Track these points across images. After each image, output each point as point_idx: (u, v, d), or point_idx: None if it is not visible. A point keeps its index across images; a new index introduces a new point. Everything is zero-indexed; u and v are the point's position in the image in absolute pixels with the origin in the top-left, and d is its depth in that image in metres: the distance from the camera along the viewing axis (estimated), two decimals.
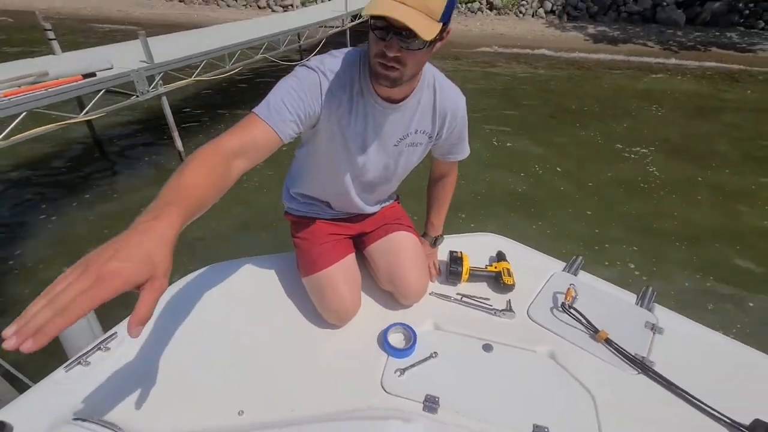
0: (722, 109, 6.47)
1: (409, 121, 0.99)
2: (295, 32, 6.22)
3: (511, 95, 6.91)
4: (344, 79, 0.90)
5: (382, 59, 0.79)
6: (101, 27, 11.99)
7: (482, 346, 1.04)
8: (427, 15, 0.72)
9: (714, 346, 1.06)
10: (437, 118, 1.01)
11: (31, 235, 3.27)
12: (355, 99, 0.92)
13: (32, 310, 0.44)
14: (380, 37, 0.76)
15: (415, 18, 0.71)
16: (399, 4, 0.71)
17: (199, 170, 0.66)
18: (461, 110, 1.03)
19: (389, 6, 0.70)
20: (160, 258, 0.52)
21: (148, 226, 0.53)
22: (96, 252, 0.49)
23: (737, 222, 3.57)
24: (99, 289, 0.46)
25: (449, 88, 1.00)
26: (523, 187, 4.05)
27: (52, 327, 0.43)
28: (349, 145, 0.98)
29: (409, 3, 0.71)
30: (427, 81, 0.96)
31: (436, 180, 1.26)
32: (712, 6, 10.83)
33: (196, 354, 1.02)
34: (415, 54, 0.78)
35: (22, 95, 2.73)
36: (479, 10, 12.19)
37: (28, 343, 0.42)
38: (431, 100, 0.99)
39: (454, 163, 1.20)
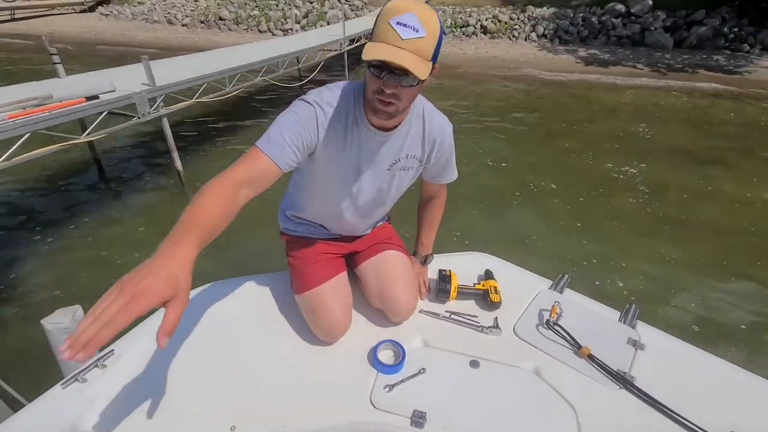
0: (711, 129, 6.63)
1: (400, 147, 1.06)
2: (294, 55, 6.40)
3: (505, 114, 7.08)
4: (340, 110, 0.97)
5: (380, 95, 0.87)
6: (105, 50, 12.25)
7: (469, 362, 1.07)
8: (420, 57, 0.81)
9: (693, 361, 1.09)
10: (426, 144, 1.08)
11: (28, 255, 3.29)
12: (350, 128, 0.99)
13: (82, 326, 0.54)
14: (378, 75, 0.84)
15: (411, 61, 0.80)
16: (396, 48, 0.80)
17: (211, 201, 0.77)
18: (448, 137, 1.11)
19: (389, 52, 0.80)
20: (183, 278, 0.62)
21: (171, 251, 0.64)
22: (129, 275, 0.59)
23: (729, 240, 3.63)
24: (134, 305, 0.56)
25: (437, 117, 1.08)
26: (516, 204, 4.12)
27: (98, 339, 0.54)
28: (344, 171, 1.05)
29: (405, 47, 0.80)
30: (417, 110, 1.04)
31: (426, 201, 1.32)
32: (698, 30, 11.20)
33: (190, 371, 1.04)
34: (409, 90, 0.87)
35: (27, 117, 2.81)
36: (473, 34, 12.56)
37: (81, 353, 0.53)
38: (421, 127, 1.06)
39: (443, 186, 1.26)
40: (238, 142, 5.62)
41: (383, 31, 0.81)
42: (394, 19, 0.79)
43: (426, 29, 0.80)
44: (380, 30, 0.81)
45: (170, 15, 14.97)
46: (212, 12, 14.63)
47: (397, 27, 0.79)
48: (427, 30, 0.80)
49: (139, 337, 1.11)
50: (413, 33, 0.79)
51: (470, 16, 12.96)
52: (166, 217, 3.85)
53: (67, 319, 1.33)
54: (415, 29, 0.79)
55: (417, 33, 0.79)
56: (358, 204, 1.14)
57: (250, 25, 13.88)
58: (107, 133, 3.60)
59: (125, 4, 16.38)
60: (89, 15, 16.28)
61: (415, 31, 0.79)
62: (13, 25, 15.07)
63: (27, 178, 4.43)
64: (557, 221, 3.85)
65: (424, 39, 0.80)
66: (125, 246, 3.38)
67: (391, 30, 0.79)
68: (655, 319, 2.08)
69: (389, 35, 0.80)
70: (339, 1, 14.37)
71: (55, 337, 1.33)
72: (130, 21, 15.39)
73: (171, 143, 4.14)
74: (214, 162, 4.92)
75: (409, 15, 0.79)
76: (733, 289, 3.02)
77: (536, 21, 12.45)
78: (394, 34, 0.79)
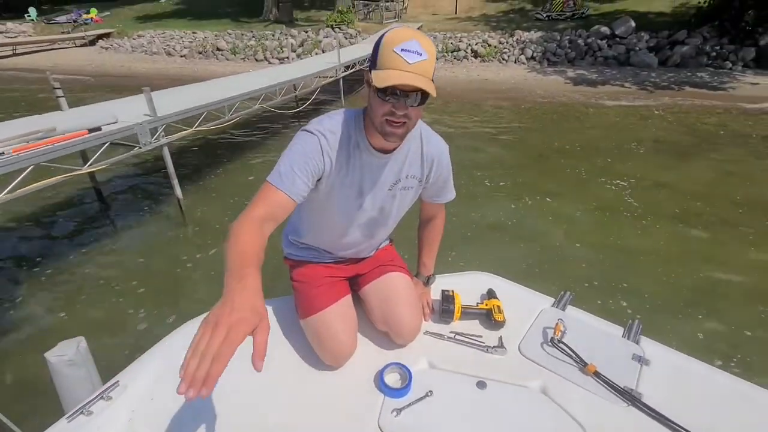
0: (699, 143, 6.78)
1: (400, 168, 1.10)
2: (291, 83, 6.56)
3: (497, 132, 7.22)
4: (342, 135, 1.02)
5: (391, 117, 0.93)
6: (106, 82, 12.50)
7: (476, 383, 1.07)
8: (427, 78, 0.89)
9: (699, 377, 1.10)
10: (425, 164, 1.13)
11: (28, 286, 3.27)
12: (353, 152, 1.04)
13: (191, 366, 0.59)
14: (390, 101, 0.90)
15: (422, 82, 0.87)
16: (405, 73, 0.86)
17: (248, 238, 0.84)
18: (445, 157, 1.16)
19: (402, 77, 0.87)
20: (261, 305, 0.68)
21: (241, 286, 0.70)
22: (215, 313, 0.65)
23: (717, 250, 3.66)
24: (234, 336, 0.62)
25: (434, 137, 1.14)
26: (513, 221, 4.16)
27: (213, 373, 0.59)
28: (347, 193, 1.08)
29: (413, 71, 0.87)
30: (414, 131, 1.09)
31: (425, 222, 1.35)
32: (681, 50, 11.59)
33: (197, 400, 1.03)
34: (417, 110, 0.94)
35: (30, 151, 2.85)
36: (465, 58, 12.93)
37: (203, 390, 0.58)
38: (419, 148, 1.11)
39: (441, 206, 1.29)
40: (238, 169, 5.68)
41: (390, 59, 0.87)
42: (399, 47, 0.86)
43: (427, 52, 0.88)
44: (387, 59, 0.88)
45: (169, 47, 15.36)
46: (210, 43, 15.04)
47: (403, 53, 0.86)
48: (428, 53, 0.88)
49: (143, 368, 1.11)
50: (418, 57, 0.87)
51: (461, 41, 13.38)
52: (165, 246, 3.86)
53: (71, 351, 1.32)
54: (419, 53, 0.87)
55: (421, 57, 0.87)
56: (361, 224, 1.17)
57: (247, 54, 14.23)
58: (109, 164, 3.64)
59: (125, 38, 16.83)
60: (89, 48, 16.67)
61: (419, 55, 0.87)
62: (15, 60, 15.40)
63: (28, 209, 4.45)
64: (555, 236, 3.88)
65: (428, 61, 0.88)
66: (125, 276, 3.37)
67: (398, 57, 0.86)
68: (659, 332, 2.08)
69: (397, 62, 0.87)
70: (333, 30, 14.82)
71: (58, 369, 1.32)
72: (130, 53, 15.77)
73: (171, 171, 4.19)
74: (213, 190, 4.96)
75: (412, 42, 0.87)
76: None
77: (525, 44, 12.86)
78: (401, 61, 0.86)
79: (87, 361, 1.35)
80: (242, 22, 17.04)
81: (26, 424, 1.46)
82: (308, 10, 17.99)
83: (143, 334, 2.75)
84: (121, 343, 2.62)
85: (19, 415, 1.99)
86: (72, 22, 18.49)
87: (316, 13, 17.42)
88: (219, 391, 1.07)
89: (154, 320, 2.87)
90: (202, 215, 4.37)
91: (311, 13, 17.56)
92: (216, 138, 6.68)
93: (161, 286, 3.28)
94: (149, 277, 3.36)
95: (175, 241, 3.95)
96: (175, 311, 2.94)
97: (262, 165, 5.72)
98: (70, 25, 18.36)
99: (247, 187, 4.78)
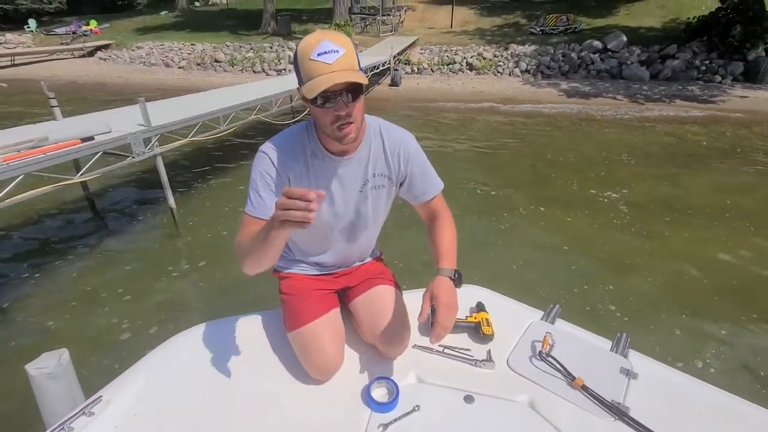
0: (691, 154, 6.88)
1: (365, 168, 1.11)
2: (287, 94, 6.60)
3: (491, 143, 7.28)
4: (293, 149, 1.05)
5: (338, 122, 0.94)
6: (103, 92, 12.54)
7: (464, 397, 1.06)
8: (352, 70, 0.90)
9: (687, 390, 1.09)
10: (391, 160, 1.13)
11: (15, 295, 3.23)
12: (310, 162, 1.06)
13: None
14: (328, 107, 0.92)
15: (349, 75, 0.88)
16: (331, 74, 0.87)
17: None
18: (411, 146, 1.15)
19: (328, 79, 0.87)
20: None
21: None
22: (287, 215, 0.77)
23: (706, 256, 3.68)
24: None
25: (394, 130, 1.14)
26: (503, 231, 4.18)
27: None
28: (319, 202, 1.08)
29: (337, 69, 0.88)
30: (373, 128, 1.10)
31: (430, 225, 1.24)
32: (671, 64, 11.83)
33: (180, 414, 1.02)
34: (358, 104, 0.95)
35: (21, 160, 2.84)
36: (460, 71, 13.11)
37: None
38: (380, 144, 1.12)
39: (438, 203, 1.21)
40: (231, 179, 5.68)
41: (311, 68, 0.89)
42: (314, 53, 0.88)
43: (342, 47, 0.89)
44: (308, 69, 0.90)
45: (167, 58, 15.47)
46: (208, 55, 15.17)
47: (320, 58, 0.87)
48: (344, 47, 0.89)
49: (127, 383, 1.09)
50: (336, 54, 0.88)
51: (456, 54, 13.58)
52: (157, 255, 3.83)
53: (53, 363, 1.29)
54: (335, 51, 0.88)
55: (338, 53, 0.88)
56: (341, 228, 1.18)
57: (245, 66, 14.36)
58: (101, 174, 3.63)
59: (123, 49, 16.94)
60: (88, 60, 16.75)
61: (336, 53, 0.88)
62: (14, 71, 15.42)
63: (19, 218, 4.41)
64: (546, 245, 3.89)
65: (346, 54, 0.89)
66: (113, 284, 3.34)
67: (317, 63, 0.88)
68: (646, 344, 2.07)
69: (319, 68, 0.88)
70: None
71: (38, 382, 1.29)
72: (128, 64, 15.86)
73: (165, 181, 4.18)
74: (207, 200, 4.95)
75: (324, 43, 0.88)
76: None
77: (519, 58, 13.08)
78: (321, 65, 0.88)
79: (69, 374, 1.32)
80: (241, 34, 17.22)
81: None
82: (306, 23, 18.22)
83: (125, 345, 2.72)
84: (104, 355, 2.59)
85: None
86: (71, 34, 18.59)
87: (313, 26, 17.62)
88: (204, 404, 1.06)
89: (137, 331, 2.84)
90: (194, 225, 4.35)
91: (309, 26, 17.78)
92: (211, 148, 6.69)
93: (147, 296, 3.24)
94: (136, 286, 3.33)
95: (165, 251, 3.92)
96: (158, 322, 2.90)
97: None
98: (69, 37, 18.45)
99: (241, 198, 4.72)
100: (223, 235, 4.13)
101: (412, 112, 9.82)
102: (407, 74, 13.01)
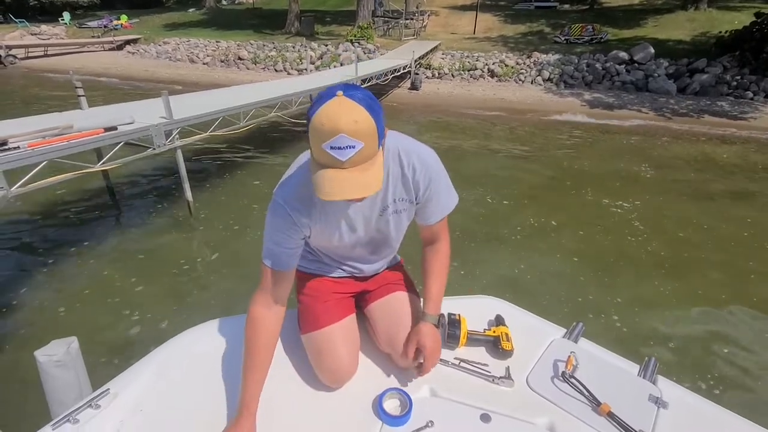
0: (718, 169, 6.65)
1: (384, 194, 1.04)
2: (307, 93, 6.63)
3: (510, 151, 7.17)
4: (308, 192, 0.94)
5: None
6: (128, 85, 12.85)
7: (480, 415, 1.00)
8: (366, 164, 0.80)
9: (720, 423, 1.01)
10: (411, 184, 1.04)
11: (31, 280, 3.29)
12: (325, 202, 0.95)
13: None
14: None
15: (358, 182, 0.80)
16: (339, 172, 0.79)
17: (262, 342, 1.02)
18: (432, 169, 1.04)
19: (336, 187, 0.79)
20: None
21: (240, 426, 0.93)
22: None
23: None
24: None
25: (413, 151, 1.02)
26: (517, 239, 4.08)
27: None
28: (339, 230, 1.06)
29: (348, 166, 0.79)
30: (391, 152, 0.99)
31: (426, 254, 1.20)
32: (700, 78, 11.49)
33: (187, 413, 0.99)
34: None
35: (46, 146, 2.89)
36: (481, 77, 13.00)
37: None
38: (398, 168, 1.02)
39: (441, 226, 1.15)
40: (249, 175, 5.72)
41: (321, 155, 0.79)
42: (326, 144, 0.77)
43: (361, 140, 0.77)
44: (318, 153, 0.80)
45: (192, 54, 15.78)
46: (232, 52, 15.41)
47: (332, 152, 0.78)
48: (362, 139, 0.77)
49: (135, 377, 1.07)
50: (351, 151, 0.77)
51: (478, 60, 13.47)
52: (172, 247, 3.86)
53: (62, 350, 1.29)
54: (351, 146, 0.77)
55: (354, 149, 0.77)
56: (363, 244, 1.14)
57: (267, 64, 14.53)
58: (122, 163, 3.69)
59: (151, 44, 17.36)
60: (117, 53, 17.24)
61: (351, 148, 0.77)
62: (46, 61, 15.96)
63: (40, 204, 4.52)
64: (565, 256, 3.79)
65: (364, 148, 0.78)
66: (127, 274, 3.38)
67: (328, 155, 0.78)
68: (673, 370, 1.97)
69: (329, 160, 0.79)
70: (352, 44, 15.08)
71: (47, 369, 1.28)
72: (155, 59, 16.24)
73: (183, 174, 4.22)
74: (224, 195, 4.99)
75: (338, 138, 0.76)
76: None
77: (542, 66, 12.89)
78: (333, 159, 0.78)
79: (77, 363, 1.32)
80: (265, 33, 17.47)
81: (12, 427, 1.42)
82: (329, 24, 18.37)
83: (134, 337, 2.73)
84: (112, 346, 2.61)
85: (5, 417, 1.97)
86: (103, 27, 19.16)
87: (336, 28, 17.77)
88: (210, 404, 1.03)
89: (146, 323, 2.85)
90: (210, 219, 4.38)
91: (332, 28, 17.93)
92: (230, 144, 6.76)
93: (159, 288, 3.27)
94: (149, 278, 3.36)
95: (180, 244, 3.96)
96: (168, 316, 2.91)
97: (273, 173, 5.76)
98: (100, 30, 19.02)
99: (258, 195, 4.81)
100: (238, 231, 4.15)
101: (430, 116, 9.77)
102: (428, 78, 12.96)
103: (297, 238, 1.01)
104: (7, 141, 2.77)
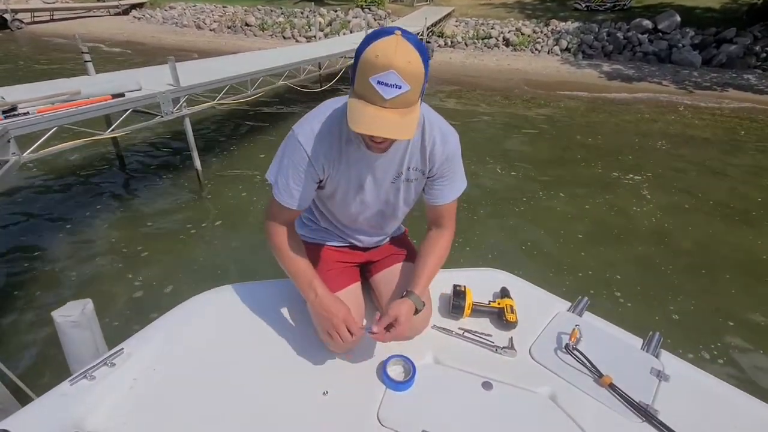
0: (738, 147, 6.43)
1: (401, 160, 1.03)
2: (316, 61, 6.48)
3: (523, 124, 7.00)
4: (330, 135, 0.96)
5: (369, 141, 0.89)
6: (134, 50, 12.65)
7: (482, 383, 1.02)
8: (406, 109, 0.80)
9: (721, 397, 1.02)
10: (429, 156, 1.03)
11: (45, 245, 3.38)
12: (344, 149, 0.98)
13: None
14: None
15: (396, 124, 0.78)
16: (380, 110, 0.77)
17: (293, 253, 1.06)
18: (451, 147, 1.03)
19: (374, 122, 0.78)
20: (337, 302, 1.04)
21: (319, 297, 1.04)
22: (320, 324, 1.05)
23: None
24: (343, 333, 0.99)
25: (438, 126, 1.02)
26: (526, 213, 4.06)
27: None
28: (349, 187, 1.05)
29: (390, 106, 0.78)
30: (419, 120, 0.97)
31: (428, 237, 1.17)
32: (727, 49, 10.92)
33: (198, 375, 1.03)
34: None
35: (55, 112, 2.89)
36: (495, 46, 12.53)
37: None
38: (419, 139, 1.01)
39: (449, 209, 1.12)
40: (257, 144, 5.69)
41: (366, 88, 0.78)
42: (375, 77, 0.76)
43: (409, 82, 0.76)
44: (363, 85, 0.78)
45: (199, 20, 15.40)
46: (239, 18, 15.00)
47: (379, 87, 0.76)
48: (410, 82, 0.76)
49: (147, 339, 1.10)
50: (396, 90, 0.76)
51: (493, 28, 12.95)
52: (180, 215, 3.91)
53: (77, 312, 1.33)
54: (398, 86, 0.76)
55: (400, 89, 0.76)
56: (367, 216, 1.13)
57: (275, 31, 14.16)
58: (130, 130, 3.68)
59: (157, 9, 16.94)
60: (122, 18, 16.90)
61: (398, 88, 0.76)
62: (52, 25, 15.73)
63: (51, 171, 4.57)
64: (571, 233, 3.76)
65: (409, 92, 0.77)
66: (135, 241, 3.45)
67: (373, 89, 0.76)
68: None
69: (372, 95, 0.77)
70: (363, 10, 14.55)
71: (63, 329, 1.33)
72: (161, 24, 15.90)
73: (191, 142, 4.21)
74: (232, 163, 4.99)
75: (389, 74, 0.75)
76: None
77: (560, 35, 12.36)
78: (377, 95, 0.77)
79: (92, 323, 1.36)
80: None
81: (34, 383, 1.50)
82: None
83: (141, 301, 2.80)
84: (121, 309, 2.69)
85: (28, 373, 2.07)
86: None
87: None
88: (219, 366, 1.07)
89: (150, 288, 2.92)
90: (217, 187, 4.41)
91: None
92: (238, 112, 6.69)
93: (168, 255, 3.33)
94: (157, 245, 3.43)
95: (189, 211, 4.00)
96: (176, 282, 2.98)
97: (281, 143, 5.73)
98: None
99: (265, 164, 4.76)
100: (246, 198, 4.17)
101: (440, 87, 9.51)
102: (439, 47, 12.54)
103: (310, 176, 0.99)
104: (17, 106, 2.76)
